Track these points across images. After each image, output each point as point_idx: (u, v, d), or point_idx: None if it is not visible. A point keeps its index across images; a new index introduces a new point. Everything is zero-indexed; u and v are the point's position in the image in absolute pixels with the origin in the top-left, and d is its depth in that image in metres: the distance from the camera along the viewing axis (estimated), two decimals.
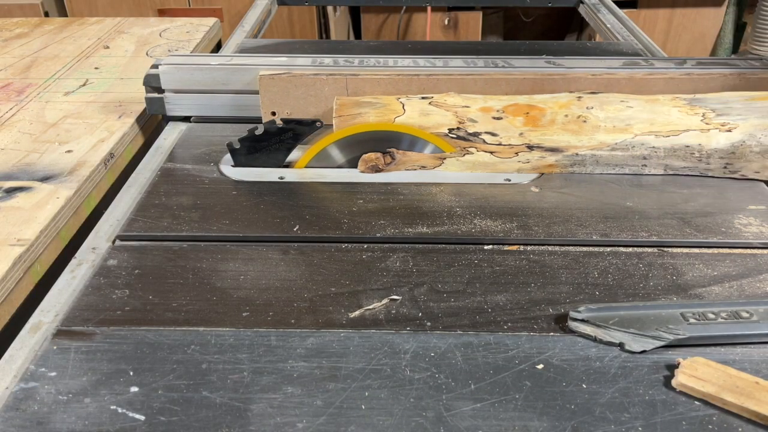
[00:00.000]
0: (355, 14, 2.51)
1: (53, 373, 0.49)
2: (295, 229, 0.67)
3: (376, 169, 0.77)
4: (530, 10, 2.58)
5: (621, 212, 0.70)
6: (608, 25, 1.30)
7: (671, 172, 0.77)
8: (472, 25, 2.36)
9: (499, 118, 0.78)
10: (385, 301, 0.57)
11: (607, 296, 0.58)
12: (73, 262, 0.64)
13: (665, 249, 0.65)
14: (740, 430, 0.45)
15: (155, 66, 0.94)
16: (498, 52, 1.22)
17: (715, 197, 0.73)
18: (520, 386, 0.48)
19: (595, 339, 0.53)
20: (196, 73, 0.90)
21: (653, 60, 0.95)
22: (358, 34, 2.51)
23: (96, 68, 1.13)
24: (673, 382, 0.48)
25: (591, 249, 0.65)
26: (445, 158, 0.77)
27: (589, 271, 0.61)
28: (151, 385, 0.48)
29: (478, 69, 0.89)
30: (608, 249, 0.65)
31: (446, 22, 2.35)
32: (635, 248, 0.65)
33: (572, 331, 0.53)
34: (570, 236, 0.66)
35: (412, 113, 0.78)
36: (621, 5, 1.48)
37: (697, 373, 0.48)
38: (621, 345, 0.52)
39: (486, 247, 0.65)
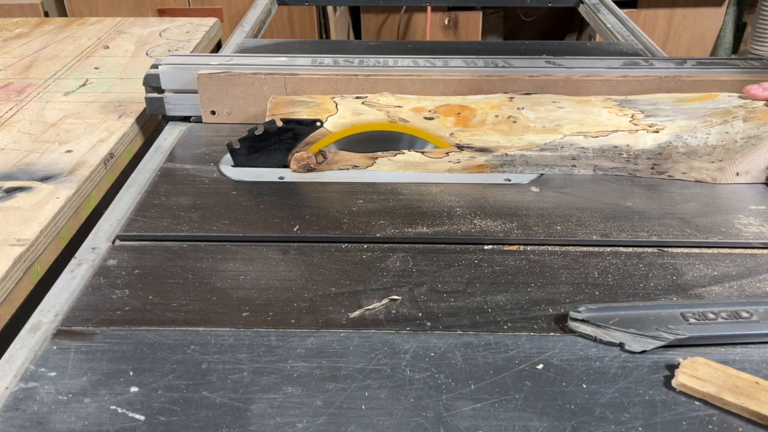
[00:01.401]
0: (355, 14, 2.51)
1: (53, 373, 0.49)
2: (295, 229, 0.67)
3: (308, 169, 0.77)
4: (530, 10, 2.58)
5: (621, 212, 0.70)
6: (608, 25, 1.30)
7: (600, 173, 0.77)
8: (472, 25, 2.36)
9: (430, 119, 0.79)
10: (385, 301, 0.57)
11: (607, 296, 0.58)
12: (73, 262, 0.64)
13: (665, 249, 0.65)
14: (740, 430, 0.45)
15: (155, 66, 0.94)
16: (498, 52, 1.22)
17: (715, 197, 0.73)
18: (520, 386, 0.48)
19: (595, 339, 0.53)
20: (196, 73, 0.90)
21: (653, 60, 0.95)
22: (358, 34, 2.51)
23: (96, 68, 1.13)
24: (673, 382, 0.48)
25: (591, 249, 0.65)
26: (376, 158, 0.78)
27: (589, 271, 0.61)
28: (151, 385, 0.48)
29: (427, 69, 0.89)
30: (608, 249, 0.65)
31: (446, 22, 2.35)
32: (635, 248, 0.65)
33: (572, 331, 0.53)
34: (570, 236, 0.66)
35: (344, 112, 0.79)
36: (621, 5, 1.48)
37: (697, 373, 0.48)
38: (621, 345, 0.52)
39: (486, 247, 0.65)
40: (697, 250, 0.65)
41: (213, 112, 0.89)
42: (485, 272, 0.61)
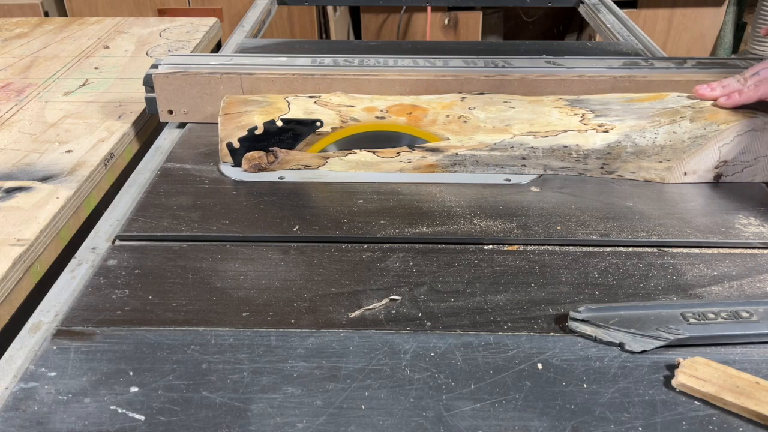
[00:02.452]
0: (355, 14, 2.51)
1: (53, 373, 0.49)
2: (295, 229, 0.67)
3: (259, 168, 0.77)
4: (530, 10, 2.58)
5: (621, 212, 0.70)
6: (608, 25, 1.30)
7: (551, 173, 0.77)
8: (472, 25, 2.36)
9: (382, 118, 0.79)
10: (385, 301, 0.57)
11: (607, 296, 0.58)
12: (73, 262, 0.64)
13: (665, 249, 0.65)
14: (740, 430, 0.45)
15: (155, 66, 0.94)
16: (498, 52, 1.22)
17: (715, 197, 0.73)
18: (520, 386, 0.48)
19: (595, 339, 0.53)
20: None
21: (653, 60, 0.95)
22: (358, 34, 2.51)
23: (96, 68, 1.13)
24: (674, 382, 0.48)
25: (591, 249, 0.65)
26: (328, 158, 0.78)
27: (589, 271, 0.61)
28: (150, 385, 0.48)
29: (384, 69, 0.90)
30: (608, 249, 0.65)
31: (446, 22, 2.35)
32: (635, 248, 0.65)
33: (572, 331, 0.53)
34: (570, 236, 0.66)
35: (296, 112, 0.79)
36: (621, 5, 1.48)
37: (697, 373, 0.48)
38: (621, 345, 0.52)
39: (486, 247, 0.65)
40: (697, 250, 0.65)
41: (170, 112, 0.89)
42: (485, 272, 0.61)
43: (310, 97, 0.82)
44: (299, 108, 0.79)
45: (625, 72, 0.89)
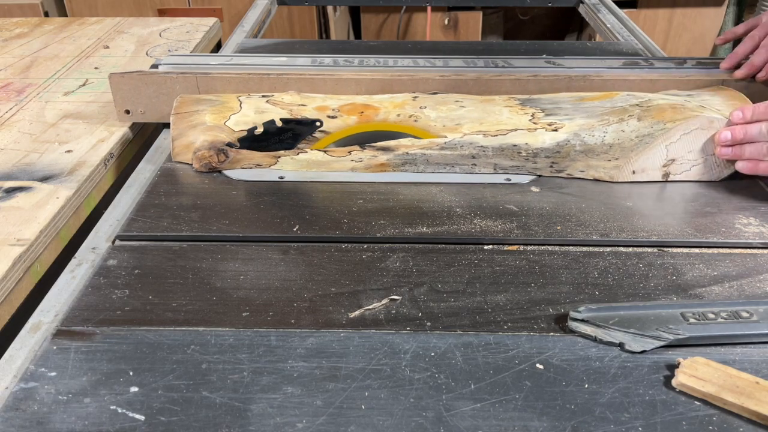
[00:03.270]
0: (355, 14, 2.51)
1: (53, 373, 0.49)
2: (295, 229, 0.67)
3: (210, 167, 0.77)
4: (530, 9, 2.58)
5: (621, 212, 0.70)
6: (608, 25, 1.30)
7: (501, 171, 0.78)
8: (472, 25, 2.36)
9: (333, 117, 0.79)
10: (385, 301, 0.57)
11: (607, 296, 0.58)
12: (73, 262, 0.64)
13: (665, 249, 0.65)
14: (741, 430, 0.45)
15: (155, 66, 0.94)
16: (497, 52, 1.22)
17: (715, 197, 0.73)
18: (520, 386, 0.48)
19: (595, 339, 0.53)
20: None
21: (653, 60, 0.95)
22: (358, 34, 2.51)
23: (96, 68, 1.13)
24: (674, 382, 0.48)
25: (591, 249, 0.65)
26: (279, 157, 0.78)
27: (589, 271, 0.61)
28: (150, 385, 0.48)
29: (339, 69, 0.90)
30: (608, 249, 0.65)
31: (446, 22, 2.35)
32: (635, 248, 0.65)
33: (572, 331, 0.53)
34: (570, 236, 0.66)
35: (247, 111, 0.79)
36: (621, 5, 1.48)
37: (698, 373, 0.48)
38: (621, 345, 0.52)
39: (486, 247, 0.65)
40: (697, 250, 0.65)
41: (127, 111, 0.89)
42: (485, 272, 0.61)
43: (263, 96, 0.82)
44: (251, 107, 0.79)
45: (579, 72, 0.89)
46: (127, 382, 0.49)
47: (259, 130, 0.78)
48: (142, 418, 0.46)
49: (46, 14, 1.92)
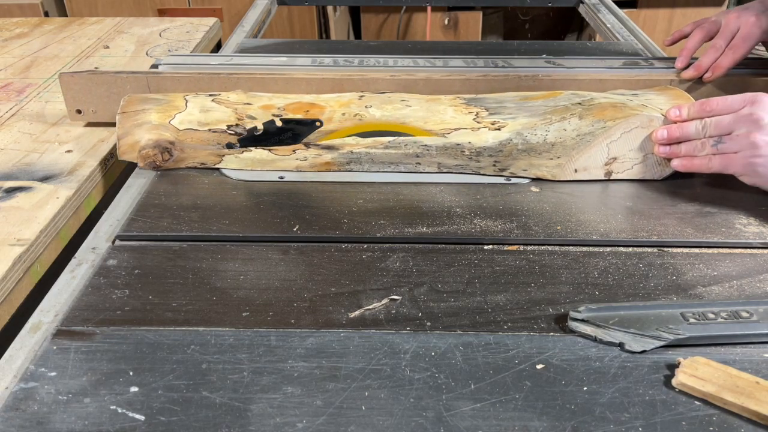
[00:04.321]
0: (355, 14, 2.51)
1: (53, 373, 0.49)
2: (295, 229, 0.67)
3: (154, 166, 0.77)
4: (530, 9, 2.58)
5: (621, 212, 0.70)
6: (608, 25, 1.30)
7: (445, 170, 0.78)
8: (472, 25, 2.36)
9: (278, 116, 0.79)
10: (385, 301, 0.57)
11: (607, 296, 0.58)
12: (73, 262, 0.64)
13: (665, 249, 0.65)
14: (741, 430, 0.45)
15: (155, 66, 0.94)
16: (497, 52, 1.22)
17: (715, 197, 0.73)
18: (520, 386, 0.48)
19: (595, 339, 0.53)
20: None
21: (653, 60, 0.95)
22: (358, 34, 2.51)
23: (96, 68, 1.13)
24: (674, 382, 0.48)
25: (591, 249, 0.65)
26: (223, 155, 0.78)
27: (589, 271, 0.61)
28: (151, 385, 0.48)
29: (291, 69, 0.90)
30: (608, 249, 0.65)
31: (446, 22, 2.35)
32: (635, 248, 0.65)
33: (572, 331, 0.53)
34: (570, 236, 0.66)
35: (192, 110, 0.79)
36: (621, 5, 1.48)
37: (698, 373, 0.48)
38: (621, 345, 0.52)
39: (486, 247, 0.65)
40: (697, 250, 0.65)
41: (79, 111, 0.89)
42: (485, 272, 0.61)
43: (210, 95, 0.81)
44: (196, 106, 0.79)
45: (530, 71, 0.89)
46: (127, 382, 0.49)
47: (259, 129, 0.78)
48: (142, 418, 0.46)
49: (46, 14, 1.92)
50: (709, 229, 0.67)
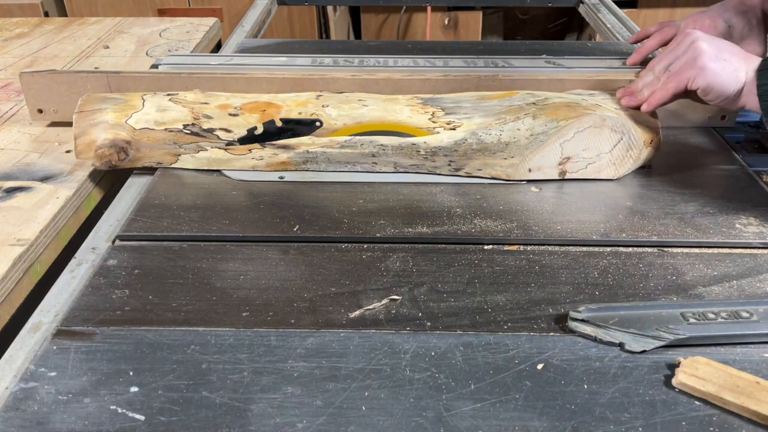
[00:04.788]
0: (355, 14, 2.51)
1: (53, 373, 0.49)
2: (295, 229, 0.67)
3: (110, 166, 0.76)
4: (530, 9, 2.58)
5: (621, 212, 0.70)
6: (608, 25, 1.30)
7: (401, 170, 0.78)
8: (472, 25, 2.36)
9: (235, 115, 0.79)
10: (385, 301, 0.57)
11: (607, 296, 0.58)
12: (73, 262, 0.64)
13: (665, 249, 0.65)
14: (742, 431, 0.45)
15: (155, 66, 0.94)
16: (497, 52, 1.22)
17: (715, 197, 0.73)
18: (520, 386, 0.48)
19: (595, 339, 0.53)
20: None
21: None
22: (358, 34, 2.51)
23: (96, 68, 1.13)
24: (674, 381, 0.48)
25: (591, 249, 0.65)
26: (179, 155, 0.78)
27: (589, 271, 0.61)
28: (151, 385, 0.48)
29: (253, 68, 0.90)
30: (608, 249, 0.65)
31: (446, 22, 2.35)
32: (635, 248, 0.65)
33: (572, 331, 0.53)
34: (570, 236, 0.66)
35: (149, 109, 0.78)
36: (621, 5, 1.48)
37: (698, 373, 0.48)
38: (621, 345, 0.52)
39: (486, 247, 0.65)
40: (697, 250, 0.65)
41: (40, 111, 0.88)
42: (485, 272, 0.61)
43: (167, 94, 0.81)
44: (153, 105, 0.79)
45: (489, 71, 0.89)
46: (127, 382, 0.49)
47: (259, 130, 0.78)
48: (142, 418, 0.46)
49: (46, 14, 1.92)
50: (709, 229, 0.67)
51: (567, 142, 0.74)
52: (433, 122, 0.77)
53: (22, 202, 0.72)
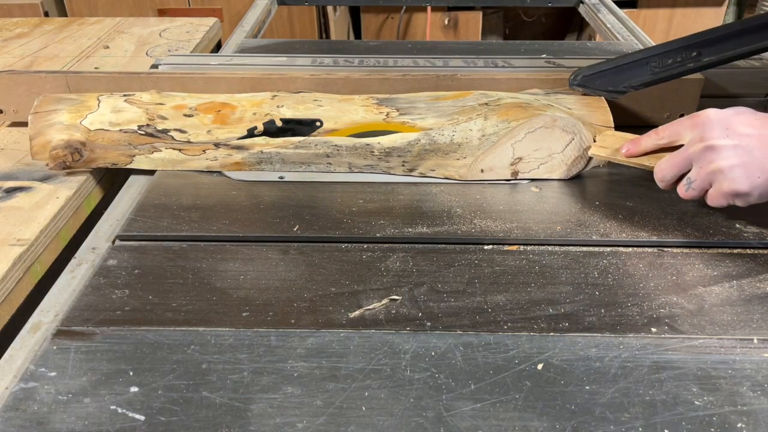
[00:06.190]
0: (355, 14, 2.51)
1: (53, 373, 0.49)
2: (295, 229, 0.67)
3: (64, 166, 0.76)
4: (530, 10, 2.58)
5: (621, 212, 0.70)
6: (608, 25, 1.30)
7: (356, 170, 0.78)
8: (472, 25, 2.37)
9: (190, 116, 0.79)
10: (385, 301, 0.57)
11: (607, 296, 0.58)
12: (73, 262, 0.64)
13: (665, 249, 0.65)
14: (744, 430, 0.45)
15: (155, 66, 0.94)
16: (497, 52, 1.22)
17: None
18: (520, 386, 0.48)
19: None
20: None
21: None
22: (358, 34, 2.51)
23: (96, 68, 1.13)
24: (590, 152, 0.70)
25: (591, 249, 0.65)
26: (133, 155, 0.77)
27: (589, 271, 0.61)
28: (151, 385, 0.48)
29: (215, 68, 0.90)
30: (608, 249, 0.65)
31: (446, 22, 2.35)
32: (635, 248, 0.65)
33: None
34: (570, 236, 0.66)
35: (104, 110, 0.78)
36: (621, 5, 1.48)
37: (605, 143, 0.70)
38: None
39: (486, 247, 0.65)
40: (697, 250, 0.65)
41: (0, 111, 0.88)
42: (485, 272, 0.61)
43: (123, 95, 0.81)
44: (108, 106, 0.79)
45: (448, 71, 0.89)
46: (127, 382, 0.49)
47: (259, 130, 0.78)
48: (142, 418, 0.46)
49: (46, 14, 1.92)
50: (709, 229, 0.67)
51: (518, 143, 0.74)
52: (387, 123, 0.77)
53: (22, 202, 0.72)
